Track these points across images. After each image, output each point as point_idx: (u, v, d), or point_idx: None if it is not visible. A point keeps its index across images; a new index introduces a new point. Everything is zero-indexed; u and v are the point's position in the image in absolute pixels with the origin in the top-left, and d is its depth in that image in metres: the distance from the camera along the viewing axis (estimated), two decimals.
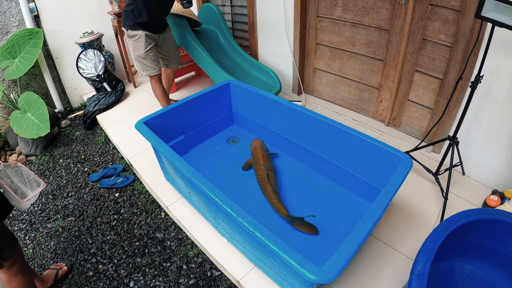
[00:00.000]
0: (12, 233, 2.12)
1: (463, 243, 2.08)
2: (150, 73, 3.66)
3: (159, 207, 3.17)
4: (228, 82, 3.46)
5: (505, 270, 2.10)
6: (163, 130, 2.95)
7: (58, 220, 3.15)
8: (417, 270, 1.61)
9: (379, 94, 3.87)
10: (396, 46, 3.44)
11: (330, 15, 3.89)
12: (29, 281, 2.19)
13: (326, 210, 2.66)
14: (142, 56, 3.54)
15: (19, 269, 2.10)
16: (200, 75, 5.58)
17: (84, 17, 4.78)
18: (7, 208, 2.21)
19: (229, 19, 5.29)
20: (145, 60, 3.57)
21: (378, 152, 2.47)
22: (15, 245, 2.06)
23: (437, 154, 3.39)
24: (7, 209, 2.22)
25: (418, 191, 3.04)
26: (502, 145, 2.85)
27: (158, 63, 3.69)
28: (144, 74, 3.68)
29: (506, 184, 2.94)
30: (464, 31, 2.87)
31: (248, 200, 2.81)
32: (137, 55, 3.56)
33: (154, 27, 3.49)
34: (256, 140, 3.21)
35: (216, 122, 3.56)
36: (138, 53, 3.53)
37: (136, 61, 3.62)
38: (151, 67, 3.63)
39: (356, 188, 2.77)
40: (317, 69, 4.43)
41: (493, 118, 2.84)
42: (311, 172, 3.06)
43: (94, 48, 4.69)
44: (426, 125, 3.53)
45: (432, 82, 3.31)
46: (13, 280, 2.07)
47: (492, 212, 2.01)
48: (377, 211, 1.87)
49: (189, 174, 2.22)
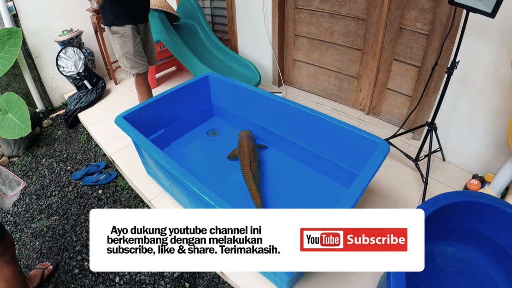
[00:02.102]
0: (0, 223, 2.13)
1: (443, 225, 2.10)
2: (140, 70, 3.44)
3: (142, 201, 3.17)
4: (207, 75, 3.46)
5: (485, 250, 2.14)
6: (143, 124, 2.94)
7: (43, 219, 3.13)
8: None
9: (358, 84, 3.89)
10: (373, 36, 3.47)
11: (308, 6, 3.91)
12: (20, 271, 2.21)
13: (306, 197, 2.70)
14: (131, 53, 3.31)
15: (11, 258, 2.12)
16: (181, 70, 5.57)
17: (62, 15, 4.73)
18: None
19: (208, 13, 5.28)
20: (135, 57, 3.35)
21: (356, 139, 2.49)
22: (3, 234, 2.06)
23: (417, 141, 3.42)
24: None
25: (399, 177, 3.07)
26: (481, 129, 2.89)
27: (145, 59, 3.49)
28: (133, 72, 3.44)
29: (486, 168, 2.98)
30: (440, 19, 2.90)
31: (229, 190, 2.83)
32: (125, 52, 3.31)
33: (139, 15, 3.30)
34: (244, 130, 3.21)
35: (196, 115, 3.56)
36: (127, 49, 3.29)
37: (124, 58, 3.36)
38: (140, 63, 3.41)
39: (336, 175, 2.80)
40: (296, 60, 4.45)
41: (471, 103, 2.87)
42: (290, 161, 3.09)
43: (73, 45, 4.65)
44: (406, 112, 3.56)
45: (410, 70, 3.35)
46: (4, 269, 2.09)
47: (470, 194, 2.04)
48: (354, 195, 1.90)
49: (168, 165, 2.22)
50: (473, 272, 2.15)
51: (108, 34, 3.30)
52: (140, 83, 3.56)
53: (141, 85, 3.58)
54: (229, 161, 3.13)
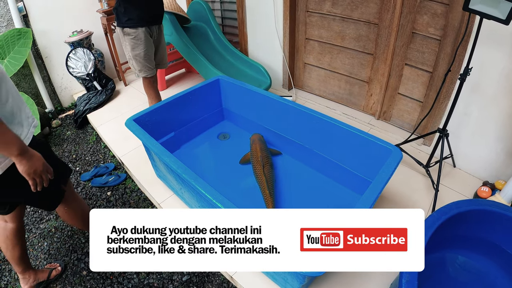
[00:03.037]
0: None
1: (454, 234, 2.09)
2: (148, 74, 3.48)
3: (151, 204, 3.17)
4: (218, 78, 3.46)
5: (496, 260, 2.13)
6: (154, 127, 2.94)
7: (51, 220, 3.13)
8: None
9: (369, 88, 3.88)
10: (385, 40, 3.45)
11: (319, 10, 3.89)
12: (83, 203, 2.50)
13: (317, 204, 2.68)
14: (142, 56, 3.33)
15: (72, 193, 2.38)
16: (190, 72, 5.56)
17: (73, 16, 4.74)
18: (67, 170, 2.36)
19: (218, 15, 5.27)
20: (145, 60, 3.37)
21: (368, 145, 2.48)
22: (70, 173, 2.34)
23: (428, 146, 3.40)
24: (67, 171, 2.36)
25: (409, 183, 3.06)
26: (492, 136, 2.87)
27: (154, 63, 3.52)
28: (142, 75, 3.47)
29: (496, 176, 2.96)
30: (453, 24, 2.88)
31: (239, 195, 2.82)
32: (136, 55, 3.33)
33: (153, 17, 3.30)
34: (255, 134, 3.20)
35: (206, 118, 3.55)
36: (137, 52, 3.31)
37: (133, 60, 3.39)
38: (149, 67, 3.45)
39: (347, 181, 2.78)
40: (307, 64, 4.43)
41: (482, 110, 2.86)
42: (301, 166, 3.07)
43: (83, 46, 4.66)
44: (417, 118, 3.54)
45: (422, 75, 3.33)
46: (72, 202, 2.34)
47: (483, 202, 2.02)
48: (367, 203, 1.88)
49: (179, 170, 2.21)
50: (483, 281, 2.14)
51: (120, 35, 3.30)
52: (147, 86, 3.60)
53: (149, 88, 3.61)
54: (240, 166, 3.12)
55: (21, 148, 1.65)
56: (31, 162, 1.70)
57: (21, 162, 1.67)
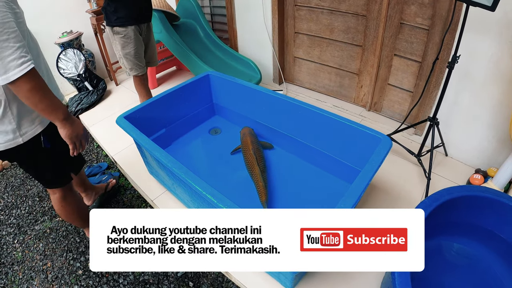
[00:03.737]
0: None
1: (447, 220, 2.10)
2: (139, 72, 3.48)
3: (144, 201, 3.17)
4: (208, 74, 3.46)
5: (489, 245, 2.14)
6: (145, 124, 2.93)
7: (46, 221, 3.13)
8: None
9: (359, 80, 3.89)
10: (373, 31, 3.47)
11: (307, 3, 3.91)
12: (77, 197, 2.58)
13: (308, 194, 2.70)
14: (132, 54, 3.33)
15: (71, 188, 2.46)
16: (181, 69, 5.57)
17: (62, 17, 4.74)
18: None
19: (208, 12, 5.29)
20: (135, 58, 3.37)
21: (358, 135, 2.49)
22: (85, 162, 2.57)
23: (419, 136, 3.42)
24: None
25: (402, 173, 3.07)
26: (483, 124, 2.89)
27: (144, 61, 3.52)
28: (133, 73, 3.48)
29: (488, 163, 2.98)
30: (440, 14, 2.90)
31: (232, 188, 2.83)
32: (126, 53, 3.33)
33: (141, 15, 3.29)
34: (246, 128, 3.21)
35: (197, 114, 3.56)
36: (128, 50, 3.31)
37: (124, 59, 3.38)
38: (140, 65, 3.45)
39: (338, 171, 2.79)
40: (296, 57, 4.45)
41: (472, 98, 2.87)
42: (292, 158, 3.09)
43: (73, 47, 4.66)
44: (407, 108, 3.56)
45: (411, 66, 3.34)
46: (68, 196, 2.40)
47: (474, 188, 2.03)
48: (357, 191, 1.88)
49: (169, 164, 2.22)
50: (477, 266, 2.15)
51: (109, 34, 3.30)
52: (139, 84, 3.60)
53: (140, 86, 3.61)
54: (232, 159, 3.13)
55: (66, 113, 1.79)
56: (74, 126, 1.84)
57: (65, 126, 1.80)
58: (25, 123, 1.88)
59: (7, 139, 1.86)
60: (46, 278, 2.64)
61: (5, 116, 1.81)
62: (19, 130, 1.87)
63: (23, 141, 1.89)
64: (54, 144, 2.06)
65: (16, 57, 1.53)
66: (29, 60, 1.58)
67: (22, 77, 1.54)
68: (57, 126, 1.79)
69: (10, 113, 1.81)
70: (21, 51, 1.55)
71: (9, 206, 3.41)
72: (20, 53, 1.55)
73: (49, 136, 2.02)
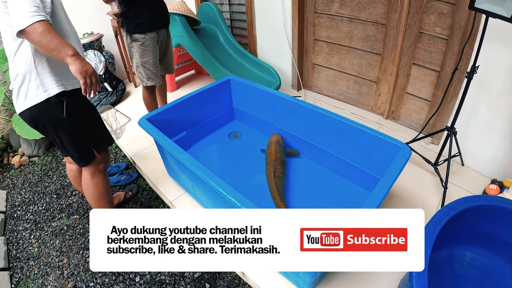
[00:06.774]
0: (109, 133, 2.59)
1: (463, 230, 2.09)
2: (157, 83, 3.41)
3: (163, 203, 3.20)
4: (229, 79, 3.48)
5: (505, 256, 2.12)
6: (166, 126, 2.96)
7: (63, 218, 3.18)
8: None
9: (378, 88, 3.90)
10: (393, 40, 3.48)
11: (327, 11, 3.93)
12: (108, 182, 2.65)
13: (327, 201, 2.69)
14: (151, 63, 3.28)
15: (104, 168, 2.56)
16: (200, 73, 5.60)
17: (83, 18, 4.76)
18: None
19: (227, 17, 5.31)
20: (153, 67, 3.32)
21: (377, 143, 2.50)
22: (110, 143, 2.57)
23: (436, 145, 3.41)
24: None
25: (418, 182, 3.07)
26: (500, 134, 2.88)
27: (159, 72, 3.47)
28: (150, 83, 3.38)
29: (505, 174, 2.96)
30: (459, 24, 2.90)
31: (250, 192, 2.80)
32: (144, 62, 3.26)
33: (160, 21, 3.29)
34: (274, 136, 3.18)
35: (217, 118, 3.57)
36: (146, 59, 3.25)
37: (142, 68, 3.30)
38: (157, 75, 3.39)
39: (357, 178, 2.79)
40: (315, 64, 4.46)
41: (490, 108, 2.86)
42: (311, 164, 3.09)
43: (94, 48, 4.72)
44: (425, 117, 3.56)
45: (430, 75, 3.35)
46: (96, 176, 2.50)
47: (491, 198, 2.02)
48: (377, 199, 1.89)
49: (193, 167, 2.24)
50: (491, 276, 2.14)
51: (126, 42, 3.29)
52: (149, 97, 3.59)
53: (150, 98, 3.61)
54: (251, 164, 3.15)
55: (75, 50, 1.88)
56: (83, 62, 1.90)
57: (75, 62, 1.87)
58: (48, 82, 2.07)
59: (33, 95, 2.06)
60: (61, 274, 2.68)
61: (32, 74, 2.02)
62: (43, 87, 2.06)
63: (47, 96, 2.08)
64: (75, 116, 2.22)
65: (30, 11, 1.75)
66: (41, 14, 1.78)
67: (35, 24, 1.75)
68: (68, 64, 1.88)
69: (36, 72, 2.03)
70: (36, 8, 1.77)
71: (26, 202, 3.47)
72: (35, 10, 1.77)
73: (69, 109, 2.17)
